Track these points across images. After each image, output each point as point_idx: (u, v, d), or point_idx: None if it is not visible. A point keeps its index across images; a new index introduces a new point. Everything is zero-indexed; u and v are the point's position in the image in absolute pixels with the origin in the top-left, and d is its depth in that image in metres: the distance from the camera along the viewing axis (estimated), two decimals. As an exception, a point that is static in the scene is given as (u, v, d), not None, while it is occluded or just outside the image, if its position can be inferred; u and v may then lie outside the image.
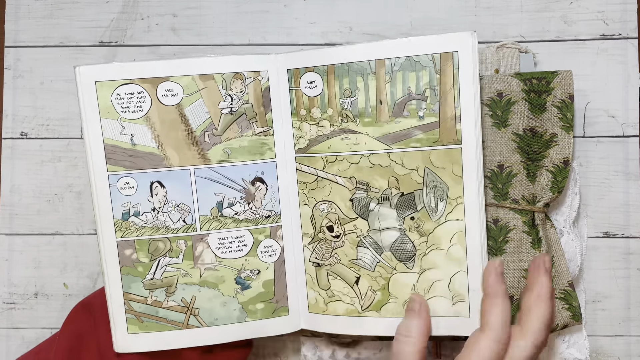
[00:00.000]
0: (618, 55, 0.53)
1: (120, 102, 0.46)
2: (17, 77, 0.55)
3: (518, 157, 0.48)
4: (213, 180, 0.47)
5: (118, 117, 0.46)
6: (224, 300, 0.47)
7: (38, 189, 0.55)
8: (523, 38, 0.53)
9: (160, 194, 0.47)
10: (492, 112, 0.49)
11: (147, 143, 0.46)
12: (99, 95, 0.46)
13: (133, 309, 0.47)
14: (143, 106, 0.46)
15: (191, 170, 0.47)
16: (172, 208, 0.47)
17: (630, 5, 0.53)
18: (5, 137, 0.55)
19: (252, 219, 0.48)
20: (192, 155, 0.47)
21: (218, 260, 0.47)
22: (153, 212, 0.47)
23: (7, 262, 0.55)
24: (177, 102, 0.46)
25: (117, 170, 0.46)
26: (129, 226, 0.47)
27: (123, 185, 0.46)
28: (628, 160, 0.53)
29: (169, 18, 0.55)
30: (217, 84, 0.47)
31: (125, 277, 0.47)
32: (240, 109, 0.47)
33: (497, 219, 0.48)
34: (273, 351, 0.53)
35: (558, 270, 0.49)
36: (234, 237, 0.47)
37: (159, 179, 0.47)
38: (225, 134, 0.47)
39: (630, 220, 0.53)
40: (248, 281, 0.48)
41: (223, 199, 0.47)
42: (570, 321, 0.48)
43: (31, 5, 0.55)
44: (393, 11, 0.54)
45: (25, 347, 0.54)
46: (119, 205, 0.46)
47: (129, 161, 0.46)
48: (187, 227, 0.47)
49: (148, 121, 0.46)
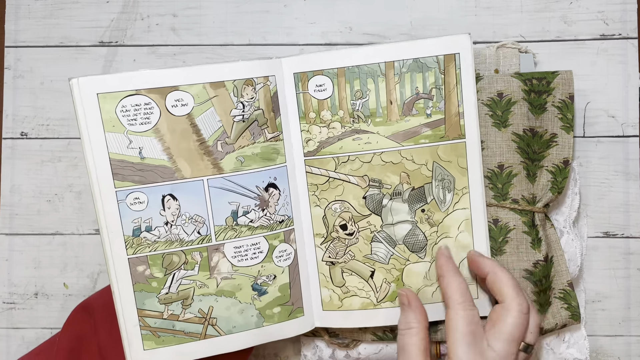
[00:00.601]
0: (618, 55, 0.53)
1: (126, 115, 0.44)
2: (17, 77, 0.55)
3: (518, 157, 0.48)
4: (227, 189, 0.46)
5: (124, 130, 0.44)
6: (241, 308, 0.47)
7: (38, 189, 0.55)
8: (523, 38, 0.53)
9: (173, 207, 0.45)
10: (492, 112, 0.49)
11: (157, 156, 0.45)
12: (102, 108, 0.44)
13: (148, 325, 0.46)
14: (151, 118, 0.44)
15: (204, 180, 0.46)
16: (186, 220, 0.46)
17: (630, 5, 0.53)
18: (5, 137, 0.55)
19: (266, 225, 0.47)
20: (205, 166, 0.46)
21: (234, 269, 0.47)
22: (166, 226, 0.46)
23: (7, 262, 0.55)
24: (188, 112, 0.45)
25: (125, 186, 0.45)
26: (140, 242, 0.45)
27: (133, 200, 0.45)
28: (628, 160, 0.53)
29: (169, 18, 0.55)
30: (228, 91, 0.46)
31: (138, 294, 0.45)
32: (252, 116, 0.46)
33: (497, 219, 0.48)
34: (273, 351, 0.53)
35: (558, 270, 0.49)
36: (250, 244, 0.47)
37: (171, 191, 0.45)
38: (238, 142, 0.46)
39: (630, 220, 0.53)
40: (264, 287, 0.47)
41: (238, 207, 0.46)
42: (569, 321, 0.48)
43: (31, 5, 0.55)
44: (393, 11, 0.54)
45: (25, 347, 0.54)
46: (129, 222, 0.45)
47: (137, 175, 0.45)
48: (202, 239, 0.46)
49: (157, 133, 0.45)
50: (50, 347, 0.49)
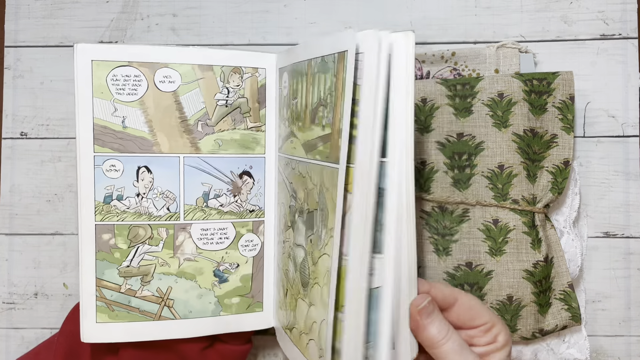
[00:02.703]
0: (618, 55, 0.53)
1: (115, 84, 0.45)
2: (17, 77, 0.55)
3: (518, 158, 0.48)
4: (202, 169, 0.47)
5: (112, 98, 0.45)
6: (200, 293, 0.47)
7: (38, 188, 0.55)
8: (523, 38, 0.53)
9: (147, 179, 0.46)
10: (492, 113, 0.49)
11: (139, 127, 0.46)
12: (95, 74, 0.45)
13: (104, 297, 0.46)
14: (139, 90, 0.46)
15: (181, 157, 0.46)
16: (157, 195, 0.46)
17: (630, 5, 0.53)
18: (5, 137, 0.55)
19: (236, 212, 0.47)
20: (184, 143, 0.46)
21: (198, 252, 0.47)
22: (137, 198, 0.46)
23: (7, 262, 0.55)
24: (174, 89, 0.46)
25: (104, 152, 0.45)
26: (110, 210, 0.45)
27: (109, 167, 0.45)
28: (628, 160, 0.53)
29: (169, 18, 0.55)
30: (215, 75, 0.47)
31: (100, 262, 0.45)
32: (235, 102, 0.47)
33: (497, 220, 0.48)
34: (273, 351, 0.53)
35: (558, 271, 0.49)
36: (217, 228, 0.47)
37: (147, 163, 0.46)
38: (218, 125, 0.47)
39: (630, 220, 0.53)
40: (226, 274, 0.47)
41: (210, 189, 0.47)
42: (570, 322, 0.48)
43: (31, 5, 0.55)
44: (393, 11, 0.54)
45: (25, 347, 0.54)
46: (102, 188, 0.45)
47: (117, 143, 0.45)
48: (171, 216, 0.46)
49: (142, 105, 0.46)
50: (49, 347, 0.49)
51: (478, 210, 0.48)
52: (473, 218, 0.48)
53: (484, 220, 0.48)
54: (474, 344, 0.39)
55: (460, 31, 0.54)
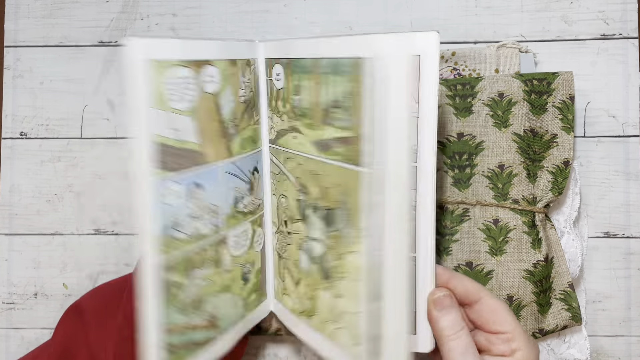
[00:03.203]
0: (618, 55, 0.53)
1: (171, 89, 0.36)
2: (17, 77, 0.55)
3: (518, 158, 0.48)
4: (234, 174, 0.42)
5: (169, 107, 0.36)
6: (235, 301, 0.43)
7: (37, 189, 0.55)
8: (523, 38, 0.53)
9: (199, 197, 0.39)
10: (492, 112, 0.49)
11: (190, 138, 0.38)
12: (151, 77, 0.35)
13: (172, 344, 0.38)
14: (190, 94, 0.38)
15: (220, 165, 0.40)
16: (207, 212, 0.40)
17: (630, 5, 0.53)
18: (5, 137, 0.55)
19: (252, 211, 0.44)
20: (222, 149, 0.40)
21: (235, 261, 0.42)
22: (192, 220, 0.38)
23: (6, 262, 0.55)
24: (216, 89, 0.39)
25: (164, 175, 0.36)
26: (168, 242, 0.37)
27: (167, 192, 0.37)
28: (628, 160, 0.53)
29: (169, 18, 0.55)
30: (238, 70, 0.41)
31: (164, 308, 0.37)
32: (248, 97, 0.43)
33: (497, 219, 0.48)
34: (273, 351, 0.53)
35: (558, 271, 0.49)
36: (241, 231, 0.43)
37: (196, 179, 0.38)
38: (241, 124, 0.42)
39: (631, 220, 0.53)
40: (248, 274, 0.44)
41: (239, 193, 0.42)
42: (570, 322, 0.48)
43: (31, 5, 0.55)
44: (393, 11, 0.54)
45: (24, 347, 0.54)
46: (160, 217, 0.36)
47: (176, 163, 0.37)
48: (216, 231, 0.41)
49: (194, 112, 0.38)
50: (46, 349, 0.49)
51: (478, 210, 0.48)
52: (473, 218, 0.48)
53: (484, 220, 0.48)
54: (490, 351, 0.38)
55: (460, 31, 0.54)
